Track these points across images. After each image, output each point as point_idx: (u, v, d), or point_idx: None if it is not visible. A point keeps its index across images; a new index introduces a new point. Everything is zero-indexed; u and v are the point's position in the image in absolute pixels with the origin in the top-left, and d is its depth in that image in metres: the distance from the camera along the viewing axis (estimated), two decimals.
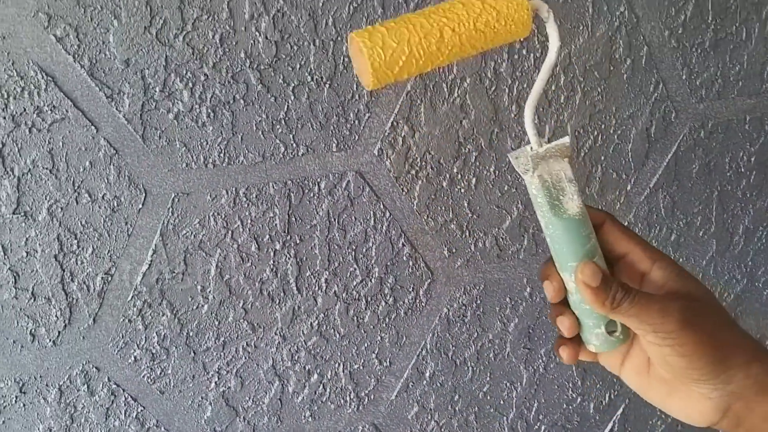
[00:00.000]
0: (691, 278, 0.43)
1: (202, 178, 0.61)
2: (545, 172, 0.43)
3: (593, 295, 0.41)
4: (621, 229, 0.44)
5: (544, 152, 0.43)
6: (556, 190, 0.42)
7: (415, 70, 0.39)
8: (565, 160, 0.43)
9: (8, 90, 0.53)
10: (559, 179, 0.43)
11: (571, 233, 0.42)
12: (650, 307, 0.41)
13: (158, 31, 0.55)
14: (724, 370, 0.40)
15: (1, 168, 0.55)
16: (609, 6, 0.65)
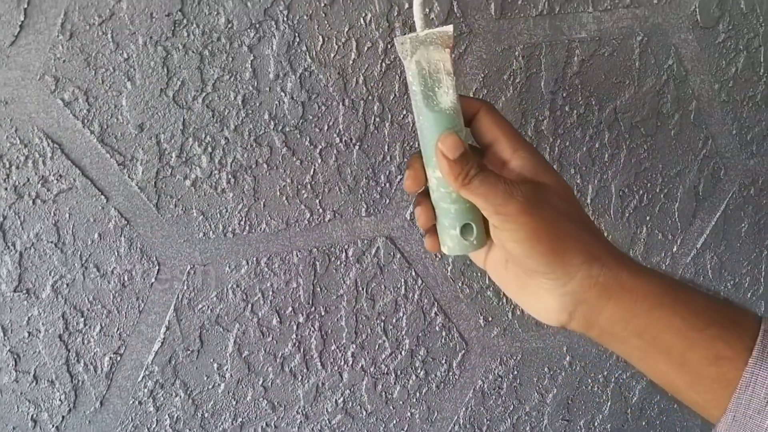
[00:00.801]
0: (548, 169, 0.43)
1: (220, 248, 0.56)
2: (423, 59, 0.42)
3: (449, 168, 0.41)
4: (493, 118, 0.44)
5: (424, 36, 0.42)
6: (432, 80, 0.42)
7: None
8: (446, 51, 0.42)
9: (11, 159, 0.48)
10: (437, 70, 0.42)
11: (440, 127, 0.42)
12: (497, 186, 0.40)
13: (175, 93, 0.50)
14: (561, 264, 0.40)
15: (2, 243, 0.50)
16: (657, 59, 0.60)
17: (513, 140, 0.44)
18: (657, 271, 0.41)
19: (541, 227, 0.40)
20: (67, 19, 0.46)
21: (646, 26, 0.59)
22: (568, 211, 0.42)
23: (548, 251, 0.40)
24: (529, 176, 0.43)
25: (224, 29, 0.49)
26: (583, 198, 0.63)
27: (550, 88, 0.58)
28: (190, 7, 0.48)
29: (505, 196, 0.40)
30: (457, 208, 0.44)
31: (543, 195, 0.41)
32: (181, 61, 0.49)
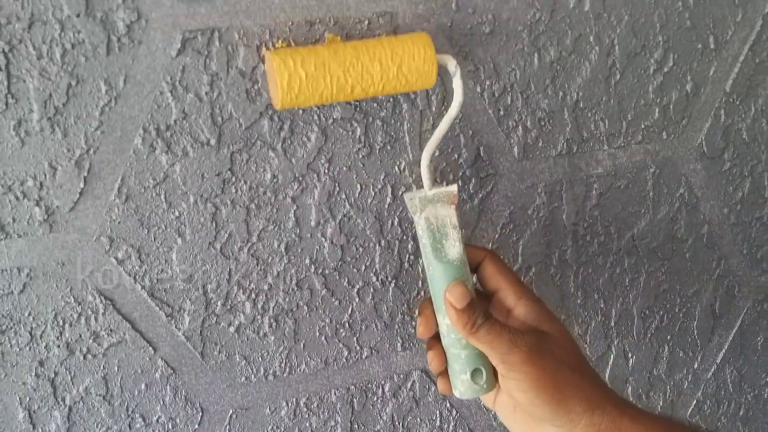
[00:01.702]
0: (551, 318, 0.46)
1: (261, 391, 0.56)
2: (432, 215, 0.46)
3: (456, 316, 0.44)
4: (497, 266, 0.48)
5: (432, 195, 0.47)
6: (440, 233, 0.46)
7: (322, 100, 0.46)
8: (451, 207, 0.47)
9: (64, 317, 0.50)
10: (444, 224, 0.46)
11: (449, 277, 0.45)
12: (502, 336, 0.43)
13: (223, 245, 0.52)
14: (565, 413, 0.42)
15: (53, 398, 0.51)
16: (669, 189, 0.64)
17: (516, 288, 0.47)
18: (655, 415, 0.44)
19: (545, 377, 0.42)
20: (123, 183, 0.48)
21: (657, 159, 0.63)
22: (570, 360, 0.44)
23: (552, 400, 0.42)
24: (533, 324, 0.45)
25: (270, 184, 0.52)
26: (607, 321, 0.65)
27: (571, 220, 0.61)
28: (239, 166, 0.51)
29: (510, 345, 0.43)
30: (467, 353, 0.46)
31: (546, 344, 0.44)
32: (228, 215, 0.52)
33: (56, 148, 0.46)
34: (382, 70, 0.46)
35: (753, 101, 0.65)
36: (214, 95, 0.49)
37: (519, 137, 0.58)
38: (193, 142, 0.49)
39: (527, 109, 0.57)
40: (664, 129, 0.62)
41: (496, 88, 0.55)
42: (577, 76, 0.58)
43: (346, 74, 0.45)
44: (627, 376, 0.68)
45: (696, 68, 0.61)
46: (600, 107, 0.59)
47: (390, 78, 0.46)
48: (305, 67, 0.44)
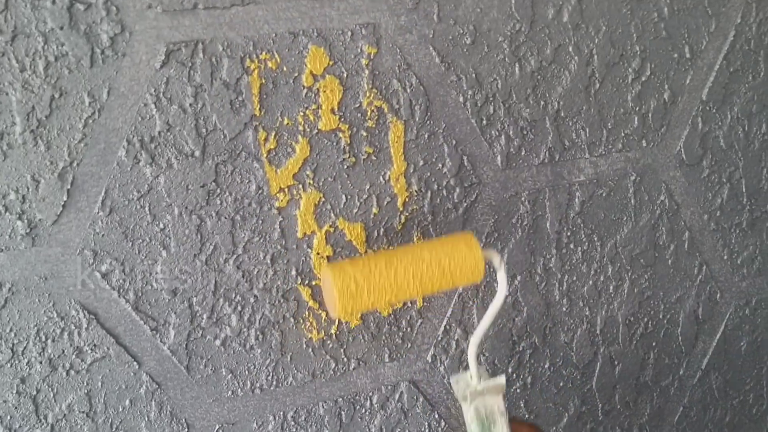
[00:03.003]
0: None
1: (248, 405, 0.56)
2: (481, 405, 0.48)
3: None
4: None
5: (482, 389, 0.49)
6: (489, 421, 0.48)
7: (378, 306, 0.47)
8: (499, 396, 0.49)
9: (47, 332, 0.49)
10: (492, 411, 0.48)
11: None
12: None
13: (208, 257, 0.52)
14: None
15: (34, 416, 0.50)
16: (650, 196, 0.65)
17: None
18: None
19: None
20: (107, 196, 0.48)
21: (638, 167, 0.63)
22: None
23: None
24: None
25: (255, 195, 0.52)
26: (593, 329, 0.66)
27: (555, 228, 0.62)
28: (224, 177, 0.51)
29: None
30: None
31: None
32: (214, 227, 0.51)
33: (39, 161, 0.46)
34: (433, 281, 0.48)
35: (729, 109, 0.66)
36: (198, 107, 0.49)
37: (502, 146, 0.58)
38: (178, 153, 0.49)
39: (509, 118, 0.58)
40: (643, 137, 0.63)
41: (478, 98, 0.56)
42: (558, 85, 0.58)
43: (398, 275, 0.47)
44: (614, 383, 0.68)
45: (673, 77, 0.63)
46: (581, 116, 0.60)
47: (440, 283, 0.48)
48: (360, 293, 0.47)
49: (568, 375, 0.66)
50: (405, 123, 0.55)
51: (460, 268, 0.48)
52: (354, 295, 0.46)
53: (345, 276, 0.46)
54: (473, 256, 0.48)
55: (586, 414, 0.68)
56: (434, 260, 0.48)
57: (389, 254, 0.48)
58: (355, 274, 0.46)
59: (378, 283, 0.46)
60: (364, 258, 0.48)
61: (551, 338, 0.65)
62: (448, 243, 0.49)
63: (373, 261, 0.47)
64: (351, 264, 0.47)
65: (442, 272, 0.48)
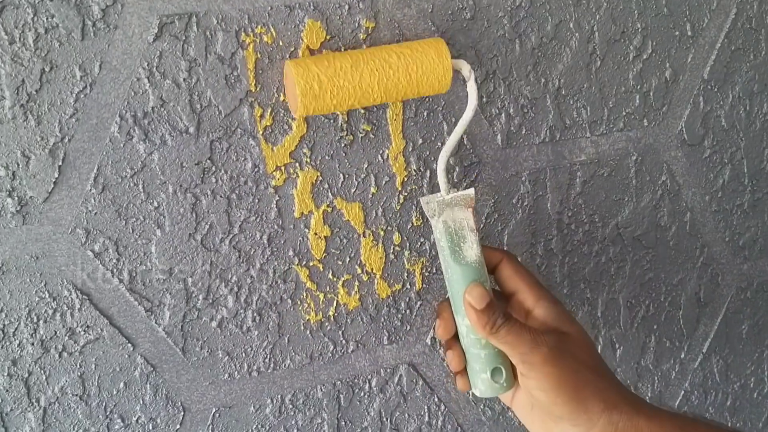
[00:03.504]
0: (570, 319, 0.46)
1: (245, 388, 0.55)
2: (449, 219, 0.47)
3: (476, 317, 0.44)
4: (514, 268, 0.48)
5: (450, 199, 0.48)
6: (458, 236, 0.47)
7: (337, 108, 0.46)
8: (469, 210, 0.48)
9: (38, 313, 0.48)
10: (461, 227, 0.47)
11: (467, 279, 0.46)
12: (523, 336, 0.43)
13: (203, 236, 0.51)
14: (583, 412, 0.42)
15: (26, 399, 0.49)
16: (651, 176, 0.64)
17: (535, 290, 0.48)
18: (671, 411, 0.44)
19: (564, 377, 0.43)
20: (100, 173, 0.47)
21: (639, 147, 0.63)
22: (588, 360, 0.45)
23: (571, 400, 0.43)
24: (553, 325, 0.46)
25: (251, 173, 0.51)
26: (594, 311, 0.65)
27: (556, 208, 0.61)
28: (219, 155, 0.50)
29: (531, 345, 0.43)
30: (486, 353, 0.47)
31: (566, 345, 0.44)
32: (209, 206, 0.50)
33: (29, 137, 0.45)
34: (398, 75, 0.46)
35: (730, 88, 0.65)
36: (192, 82, 0.48)
37: (502, 124, 0.57)
38: (172, 130, 0.48)
39: (510, 96, 0.57)
40: (645, 116, 0.62)
41: (478, 75, 0.55)
42: (559, 62, 0.57)
43: (363, 79, 0.45)
44: (615, 367, 0.67)
45: (674, 55, 0.62)
46: (582, 94, 0.59)
47: (406, 83, 0.47)
48: (323, 71, 0.45)
49: None
50: (403, 101, 0.54)
51: (427, 76, 0.46)
52: (317, 95, 0.44)
53: (309, 75, 0.44)
54: (442, 65, 0.47)
55: None
56: (401, 66, 0.46)
57: (355, 55, 0.46)
58: (319, 74, 0.44)
59: (342, 86, 0.45)
60: (329, 56, 0.46)
61: None
62: (418, 48, 0.47)
63: (338, 61, 0.45)
64: (315, 62, 0.45)
65: (409, 79, 0.46)
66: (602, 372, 0.45)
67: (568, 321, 0.47)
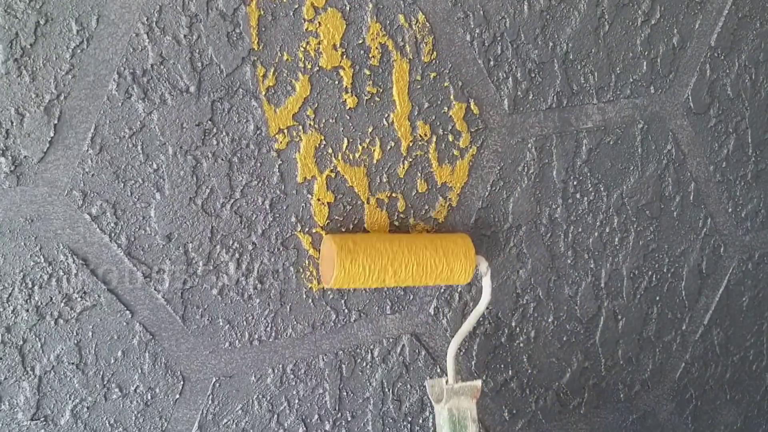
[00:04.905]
0: None
1: (246, 358, 0.53)
2: (455, 407, 0.49)
3: None
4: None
5: (458, 388, 0.49)
6: (461, 426, 0.49)
7: (364, 286, 0.50)
8: (473, 401, 0.49)
9: (33, 278, 0.46)
10: (464, 416, 0.49)
11: None
12: None
13: (204, 201, 0.49)
14: None
15: (21, 368, 0.47)
16: (657, 145, 0.63)
17: None
18: None
19: None
20: (97, 132, 0.45)
21: (645, 114, 0.62)
22: None
23: None
24: None
25: (253, 136, 0.49)
26: (597, 282, 0.64)
27: (561, 177, 0.60)
28: (220, 116, 0.48)
29: None
30: None
31: None
32: (210, 169, 0.49)
33: (23, 93, 0.43)
34: (427, 273, 0.51)
35: (737, 56, 0.64)
36: (193, 38, 0.46)
37: (509, 89, 0.56)
38: (172, 89, 0.46)
39: (517, 59, 0.55)
40: (651, 83, 0.61)
41: (486, 37, 0.54)
42: (567, 26, 0.56)
43: (396, 272, 0.50)
44: (617, 338, 0.67)
45: (682, 21, 0.61)
46: (589, 59, 0.58)
47: (433, 276, 0.51)
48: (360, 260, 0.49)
49: (571, 329, 0.65)
50: (410, 62, 0.52)
51: (451, 269, 0.51)
52: (350, 274, 0.48)
53: (349, 256, 0.48)
54: (467, 260, 0.51)
55: (589, 369, 0.66)
56: (431, 258, 0.50)
57: (392, 240, 0.50)
58: (359, 255, 0.48)
59: (376, 267, 0.48)
60: (369, 237, 0.50)
61: (555, 291, 0.63)
62: (447, 242, 0.51)
63: (378, 243, 0.49)
64: (355, 241, 0.49)
65: (435, 270, 0.50)
66: None
67: None
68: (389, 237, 0.51)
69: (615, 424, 0.70)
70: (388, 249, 0.49)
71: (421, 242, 0.51)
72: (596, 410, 0.68)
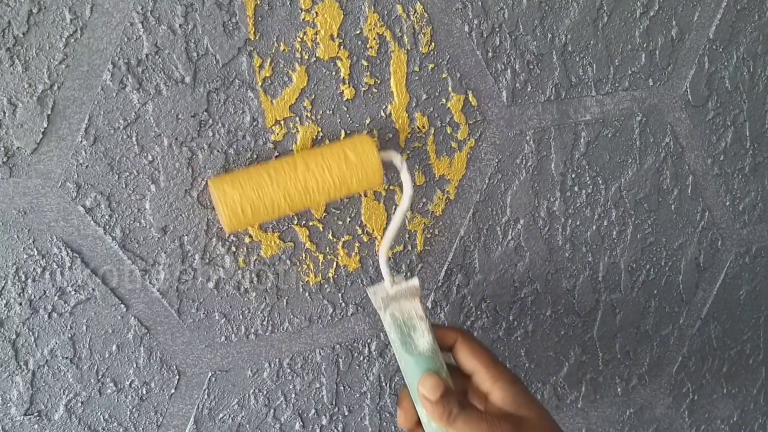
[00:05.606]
0: (529, 402, 0.44)
1: (242, 352, 0.53)
2: (397, 311, 0.46)
3: (431, 408, 0.43)
4: (470, 347, 0.46)
5: (394, 293, 0.47)
6: (408, 327, 0.46)
7: (270, 217, 0.46)
8: (416, 299, 0.47)
9: (26, 272, 0.45)
10: (410, 317, 0.46)
11: (421, 369, 0.44)
12: (480, 426, 0.41)
13: (200, 193, 0.49)
14: None
15: (14, 362, 0.46)
16: (655, 138, 0.63)
17: (491, 370, 0.45)
18: None
19: None
20: (91, 123, 0.44)
21: (644, 107, 0.61)
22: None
23: None
24: (510, 410, 0.44)
25: (249, 127, 0.49)
26: (595, 275, 0.64)
27: (560, 170, 0.60)
28: (216, 107, 0.47)
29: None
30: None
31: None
32: (206, 161, 0.48)
33: (16, 83, 0.42)
34: (329, 185, 0.46)
35: (735, 49, 0.64)
36: (188, 28, 0.45)
37: (508, 81, 0.55)
38: (167, 79, 0.46)
39: (516, 51, 0.55)
40: (650, 75, 0.61)
41: (484, 28, 0.53)
42: (565, 17, 0.56)
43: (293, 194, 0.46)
44: (615, 332, 0.67)
45: (681, 13, 0.60)
46: (588, 51, 0.57)
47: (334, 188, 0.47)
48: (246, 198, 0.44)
49: (569, 323, 0.64)
50: (408, 53, 0.52)
51: (357, 175, 0.46)
52: (241, 214, 0.44)
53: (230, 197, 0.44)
54: (370, 159, 0.47)
55: (587, 363, 0.66)
56: (329, 170, 0.46)
57: (277, 166, 0.46)
58: (241, 195, 0.44)
59: (266, 195, 0.45)
60: (252, 168, 0.46)
61: (553, 285, 0.63)
62: (341, 148, 0.47)
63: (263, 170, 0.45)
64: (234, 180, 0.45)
65: (338, 181, 0.46)
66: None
67: (527, 404, 0.44)
68: (278, 161, 0.46)
69: (612, 418, 0.69)
70: (278, 172, 0.45)
71: (315, 156, 0.47)
72: (593, 404, 0.67)
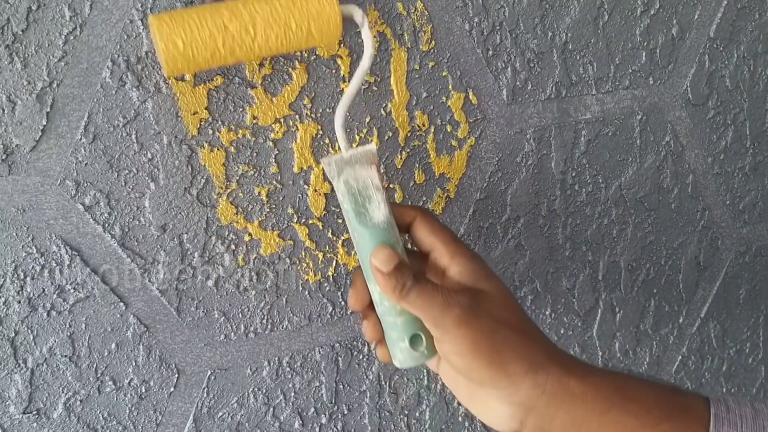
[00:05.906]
0: (487, 275, 0.42)
1: (241, 350, 0.53)
2: (351, 178, 0.43)
3: (384, 281, 0.40)
4: (429, 225, 0.44)
5: (349, 157, 0.43)
6: (363, 197, 0.42)
7: (214, 63, 0.41)
8: (372, 168, 0.43)
9: (25, 269, 0.45)
10: (365, 186, 0.43)
11: (375, 242, 0.42)
12: (434, 297, 0.39)
13: (199, 191, 0.48)
14: (505, 376, 0.39)
15: (13, 360, 0.46)
16: (655, 137, 0.63)
17: (450, 246, 0.43)
18: (605, 370, 0.41)
19: (481, 339, 0.39)
20: (90, 121, 0.44)
21: (644, 106, 0.61)
22: (508, 318, 0.41)
23: (490, 363, 0.39)
24: (468, 283, 0.42)
25: (249, 125, 0.48)
26: (595, 274, 0.64)
27: (560, 168, 0.59)
28: (216, 105, 0.47)
29: (443, 307, 0.39)
30: (403, 320, 0.43)
31: (482, 304, 0.40)
32: (206, 159, 0.48)
33: (15, 80, 0.42)
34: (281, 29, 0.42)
35: (735, 48, 0.64)
36: None
37: (508, 79, 0.55)
38: (167, 77, 0.45)
39: (516, 49, 0.55)
40: (650, 74, 0.61)
41: (484, 26, 0.53)
42: (566, 15, 0.56)
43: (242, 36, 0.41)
44: (614, 331, 0.67)
45: (681, 11, 0.60)
46: (588, 49, 0.57)
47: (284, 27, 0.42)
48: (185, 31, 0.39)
49: (569, 322, 0.64)
50: (408, 51, 0.52)
51: (314, 24, 0.42)
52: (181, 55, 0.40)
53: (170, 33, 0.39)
54: (325, 12, 0.42)
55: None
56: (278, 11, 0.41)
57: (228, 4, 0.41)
58: (182, 32, 0.39)
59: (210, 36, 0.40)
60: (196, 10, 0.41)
61: (553, 283, 0.63)
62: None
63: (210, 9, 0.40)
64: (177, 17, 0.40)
65: (293, 31, 0.42)
66: (526, 331, 0.41)
67: (486, 277, 0.42)
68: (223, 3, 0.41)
69: None
70: (223, 12, 0.41)
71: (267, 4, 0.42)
72: None
